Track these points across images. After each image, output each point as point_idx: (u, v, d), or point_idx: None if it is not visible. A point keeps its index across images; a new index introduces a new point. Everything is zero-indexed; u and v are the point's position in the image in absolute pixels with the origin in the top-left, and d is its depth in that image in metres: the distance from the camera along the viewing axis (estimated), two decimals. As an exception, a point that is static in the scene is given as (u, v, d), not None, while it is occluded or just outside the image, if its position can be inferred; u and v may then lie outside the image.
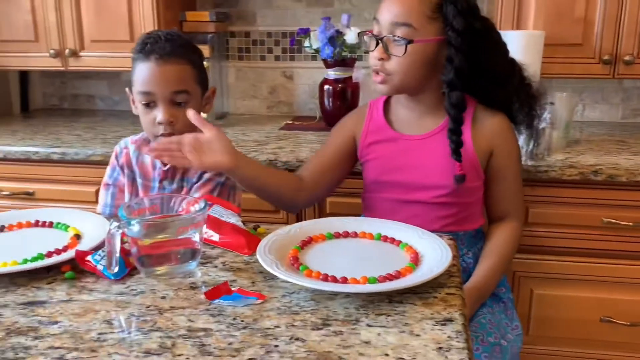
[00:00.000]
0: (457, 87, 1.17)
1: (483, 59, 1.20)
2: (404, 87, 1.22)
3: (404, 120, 1.29)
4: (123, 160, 1.35)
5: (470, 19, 1.16)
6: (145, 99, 1.22)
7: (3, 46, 2.11)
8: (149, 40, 1.22)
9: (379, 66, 1.19)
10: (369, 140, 1.31)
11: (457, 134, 1.19)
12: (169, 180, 1.31)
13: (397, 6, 1.16)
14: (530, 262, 1.67)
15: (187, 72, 1.23)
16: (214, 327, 0.76)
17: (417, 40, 1.15)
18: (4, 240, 1.03)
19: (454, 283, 0.89)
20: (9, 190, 1.88)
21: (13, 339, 0.74)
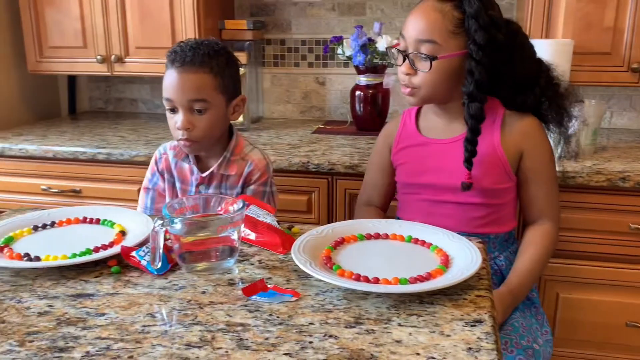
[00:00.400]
0: (476, 99, 1.19)
1: (508, 66, 1.22)
2: (431, 98, 1.26)
3: (433, 126, 1.33)
4: (163, 166, 1.40)
5: (493, 32, 1.18)
6: (168, 105, 1.26)
7: (54, 52, 2.21)
8: (177, 48, 1.26)
9: (407, 81, 1.24)
10: (400, 146, 1.36)
11: (472, 144, 1.21)
12: (205, 185, 1.35)
13: (421, 23, 1.19)
14: (557, 266, 1.67)
15: (206, 81, 1.24)
16: (251, 322, 0.80)
17: (442, 57, 1.19)
18: (54, 235, 1.09)
19: (483, 285, 0.90)
20: (57, 188, 1.97)
21: (63, 328, 0.78)
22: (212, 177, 1.35)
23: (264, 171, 1.36)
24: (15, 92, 2.39)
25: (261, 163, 1.36)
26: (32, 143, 1.96)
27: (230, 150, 1.34)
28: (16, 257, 0.97)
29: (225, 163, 1.34)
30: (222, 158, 1.33)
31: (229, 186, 1.35)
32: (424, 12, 1.19)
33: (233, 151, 1.35)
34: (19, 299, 0.87)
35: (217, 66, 1.26)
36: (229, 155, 1.34)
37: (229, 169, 1.34)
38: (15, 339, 0.75)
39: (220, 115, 1.29)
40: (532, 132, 1.27)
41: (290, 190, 1.77)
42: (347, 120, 2.29)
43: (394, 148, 1.38)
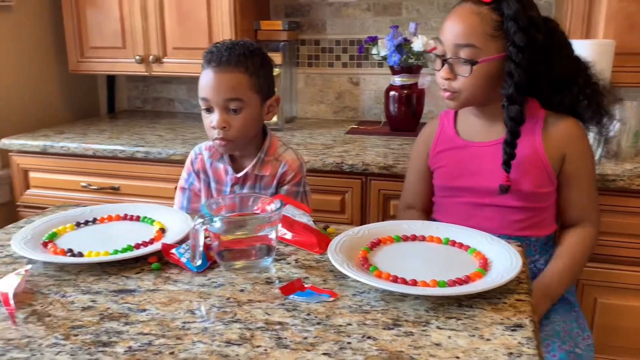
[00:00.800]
0: (516, 101, 1.17)
1: (546, 66, 1.20)
2: (470, 102, 1.25)
3: (472, 129, 1.31)
4: (198, 166, 1.42)
5: (532, 33, 1.16)
6: (204, 104, 1.28)
7: (94, 52, 2.26)
8: (213, 48, 1.27)
9: (447, 85, 1.22)
10: (438, 149, 1.35)
11: (511, 147, 1.19)
12: (240, 186, 1.36)
13: (459, 27, 1.17)
14: (596, 271, 1.64)
15: (242, 81, 1.25)
16: (289, 321, 0.80)
17: (482, 60, 1.17)
18: (96, 231, 1.11)
19: (523, 290, 0.89)
20: (97, 185, 2.02)
21: (106, 323, 0.80)
22: (247, 178, 1.36)
23: (298, 171, 1.36)
24: (57, 92, 2.46)
25: (295, 163, 1.36)
26: (73, 141, 2.01)
27: (264, 151, 1.35)
28: (60, 252, 0.99)
29: (260, 164, 1.35)
30: (257, 159, 1.34)
31: (263, 186, 1.36)
32: (462, 15, 1.18)
33: (267, 152, 1.35)
34: (63, 293, 0.89)
35: (253, 66, 1.27)
36: (263, 155, 1.35)
37: (263, 169, 1.35)
38: (60, 333, 0.77)
39: (255, 115, 1.30)
40: (574, 135, 1.25)
41: (323, 190, 1.77)
42: (380, 120, 2.29)
43: (431, 151, 1.37)
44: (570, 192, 1.27)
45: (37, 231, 1.07)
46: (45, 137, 2.08)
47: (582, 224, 1.28)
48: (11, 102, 2.23)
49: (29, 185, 2.10)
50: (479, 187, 1.27)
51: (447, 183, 1.33)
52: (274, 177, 1.35)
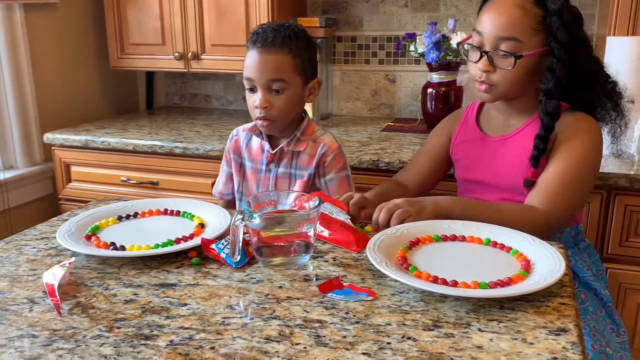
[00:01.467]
0: (555, 96, 1.15)
1: (582, 60, 1.19)
2: (507, 95, 1.23)
3: (493, 122, 1.31)
4: (231, 146, 1.45)
5: (574, 29, 1.15)
6: (248, 84, 1.31)
7: (134, 49, 2.31)
8: (259, 30, 1.30)
9: (484, 77, 1.20)
10: (459, 139, 1.35)
11: (544, 141, 1.17)
12: (275, 164, 1.37)
13: (502, 19, 1.15)
14: (637, 275, 1.59)
15: (285, 62, 1.27)
16: (328, 319, 0.80)
17: (526, 55, 1.15)
18: (137, 225, 1.13)
19: (566, 293, 0.87)
20: (136, 180, 2.06)
21: (148, 317, 0.81)
22: (282, 155, 1.37)
23: (338, 153, 1.37)
24: (98, 87, 2.52)
25: (334, 145, 1.37)
26: (113, 136, 2.06)
27: (301, 130, 1.36)
28: (103, 245, 1.01)
29: (295, 141, 1.36)
30: (292, 136, 1.36)
31: (300, 166, 1.36)
32: (505, 8, 1.16)
33: (304, 131, 1.37)
34: (106, 286, 0.91)
35: (297, 48, 1.29)
36: (299, 134, 1.36)
37: (299, 146, 1.35)
38: (104, 325, 0.79)
39: (297, 96, 1.32)
40: (575, 123, 1.20)
41: (359, 187, 1.74)
42: (417, 118, 2.26)
43: (453, 140, 1.37)
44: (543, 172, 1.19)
45: (80, 224, 1.10)
46: (86, 132, 2.13)
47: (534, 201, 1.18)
48: (54, 98, 2.30)
49: (71, 179, 2.16)
50: (489, 181, 1.27)
51: (464, 175, 1.33)
52: (311, 158, 1.35)
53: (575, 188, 1.17)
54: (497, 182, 1.25)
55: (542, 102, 1.17)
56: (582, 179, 1.18)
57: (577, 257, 1.26)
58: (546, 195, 1.16)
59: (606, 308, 1.24)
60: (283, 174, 1.37)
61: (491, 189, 1.27)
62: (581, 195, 1.21)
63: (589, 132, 1.20)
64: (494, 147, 1.28)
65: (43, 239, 1.11)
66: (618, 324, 1.24)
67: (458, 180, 1.37)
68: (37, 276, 0.94)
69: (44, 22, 2.21)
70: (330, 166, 1.36)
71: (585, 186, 1.21)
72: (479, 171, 1.29)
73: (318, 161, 1.35)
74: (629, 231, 1.57)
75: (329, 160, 1.35)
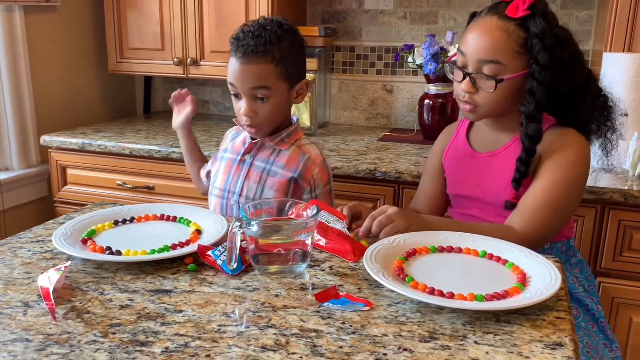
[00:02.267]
0: (535, 119, 1.14)
1: (563, 80, 1.16)
2: (490, 115, 1.23)
3: (481, 138, 1.31)
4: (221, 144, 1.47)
5: (557, 52, 1.13)
6: (232, 90, 1.30)
7: (133, 53, 2.31)
8: (240, 34, 1.26)
9: (467, 98, 1.19)
10: (450, 155, 1.36)
11: (525, 165, 1.16)
12: (252, 155, 1.35)
13: (485, 42, 1.14)
14: (631, 289, 1.60)
15: (267, 71, 1.24)
16: (324, 329, 0.80)
17: (507, 78, 1.14)
18: (133, 230, 1.13)
19: (562, 307, 0.87)
20: (132, 184, 2.05)
21: (144, 323, 0.81)
22: (262, 148, 1.35)
23: (323, 167, 1.35)
24: (96, 91, 2.51)
25: (318, 158, 1.34)
26: (110, 140, 2.05)
27: (288, 132, 1.34)
28: (99, 250, 1.01)
29: (279, 140, 1.34)
30: (278, 134, 1.34)
31: (278, 164, 1.32)
32: (488, 30, 1.14)
33: (290, 134, 1.35)
34: (102, 290, 0.90)
35: (280, 53, 1.25)
36: (284, 135, 1.34)
37: (281, 145, 1.34)
38: (99, 330, 0.79)
39: (282, 101, 1.30)
40: (560, 139, 1.18)
41: (355, 197, 1.77)
42: (413, 128, 2.28)
43: (445, 154, 1.37)
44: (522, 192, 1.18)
45: (76, 228, 1.09)
46: (83, 135, 2.13)
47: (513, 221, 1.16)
48: (52, 100, 2.29)
49: (67, 182, 2.15)
50: (476, 197, 1.27)
51: (454, 191, 1.33)
52: (292, 161, 1.32)
53: (556, 209, 1.15)
54: (486, 198, 1.25)
55: (523, 124, 1.15)
56: (565, 199, 1.16)
57: (569, 272, 1.25)
58: (526, 217, 1.14)
59: (598, 323, 1.24)
60: (257, 167, 1.34)
61: (480, 204, 1.27)
62: (563, 216, 1.18)
63: (574, 150, 1.17)
64: (482, 163, 1.27)
65: (38, 241, 1.10)
66: (611, 339, 1.24)
67: (449, 195, 1.36)
68: (32, 279, 0.94)
69: (43, 24, 2.21)
70: (318, 180, 1.34)
71: (568, 206, 1.18)
72: (468, 187, 1.29)
73: (302, 171, 1.32)
74: (623, 246, 1.58)
75: (316, 173, 1.33)
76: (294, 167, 1.32)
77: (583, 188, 1.21)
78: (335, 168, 1.75)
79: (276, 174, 1.33)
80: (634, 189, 1.52)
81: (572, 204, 1.19)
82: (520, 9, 1.12)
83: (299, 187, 1.33)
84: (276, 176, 1.33)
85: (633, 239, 1.57)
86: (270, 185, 1.32)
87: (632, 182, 1.58)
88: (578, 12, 2.07)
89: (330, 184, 1.39)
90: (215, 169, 1.43)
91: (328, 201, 1.36)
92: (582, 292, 1.25)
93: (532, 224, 1.14)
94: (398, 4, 2.27)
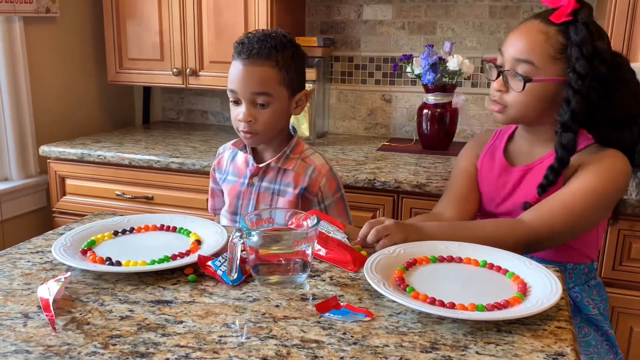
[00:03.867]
0: (570, 129, 1.14)
1: (608, 101, 1.15)
2: (518, 119, 1.22)
3: (518, 151, 1.29)
4: (216, 164, 1.44)
5: (596, 63, 1.12)
6: (232, 97, 1.28)
7: (132, 64, 2.32)
8: (244, 39, 1.26)
9: (497, 97, 1.20)
10: (485, 162, 1.32)
11: (556, 174, 1.15)
12: (259, 178, 1.34)
13: (522, 42, 1.15)
14: (632, 299, 1.61)
15: (271, 75, 1.24)
16: (325, 339, 0.79)
17: (537, 80, 1.15)
18: (133, 241, 1.13)
19: (563, 317, 0.87)
20: (131, 194, 2.05)
21: (144, 334, 0.81)
22: (268, 170, 1.34)
23: (330, 176, 1.34)
24: (95, 101, 2.52)
25: (324, 168, 1.34)
26: (109, 150, 2.06)
27: (290, 147, 1.33)
28: (99, 260, 1.01)
29: (284, 158, 1.33)
30: (282, 153, 1.32)
31: (284, 182, 1.33)
32: (528, 31, 1.16)
33: (293, 149, 1.34)
34: (102, 301, 0.90)
35: (283, 59, 1.25)
36: (288, 151, 1.33)
37: (287, 164, 1.33)
38: (99, 342, 0.78)
39: (282, 109, 1.29)
40: (602, 156, 1.16)
41: (355, 206, 1.77)
42: (412, 138, 2.28)
43: (481, 157, 1.33)
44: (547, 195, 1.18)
45: (76, 238, 1.09)
46: (82, 145, 2.13)
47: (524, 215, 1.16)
48: (51, 110, 2.30)
49: (65, 192, 2.15)
50: (510, 211, 1.24)
51: (487, 208, 1.31)
52: (299, 176, 1.32)
53: (572, 214, 1.13)
54: (518, 212, 1.21)
55: (558, 133, 1.15)
56: (584, 207, 1.13)
57: (585, 294, 1.25)
58: (538, 212, 1.14)
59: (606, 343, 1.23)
60: (266, 189, 1.34)
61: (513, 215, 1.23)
62: (578, 224, 1.15)
63: (613, 170, 1.15)
64: (516, 177, 1.25)
65: (38, 252, 1.10)
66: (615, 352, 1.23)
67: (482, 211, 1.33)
68: (32, 290, 0.93)
69: (43, 34, 2.22)
70: (326, 190, 1.34)
71: (585, 217, 1.15)
72: (502, 201, 1.26)
73: (309, 184, 1.32)
74: (623, 255, 1.58)
75: (324, 184, 1.33)
76: (301, 183, 1.32)
77: (610, 205, 1.19)
78: (335, 178, 1.75)
79: (285, 194, 1.33)
80: (633, 198, 1.52)
81: (590, 215, 1.16)
82: (564, 15, 1.13)
83: (307, 200, 1.34)
84: (286, 196, 1.32)
85: (632, 248, 1.57)
86: (282, 205, 1.32)
87: (631, 192, 1.58)
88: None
89: (341, 191, 1.37)
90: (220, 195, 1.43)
91: (341, 209, 1.35)
92: (596, 314, 1.24)
93: (542, 220, 1.13)
94: (396, 14, 2.28)
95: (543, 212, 1.14)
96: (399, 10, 2.28)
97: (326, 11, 2.37)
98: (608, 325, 1.26)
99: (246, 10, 2.10)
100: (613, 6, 1.71)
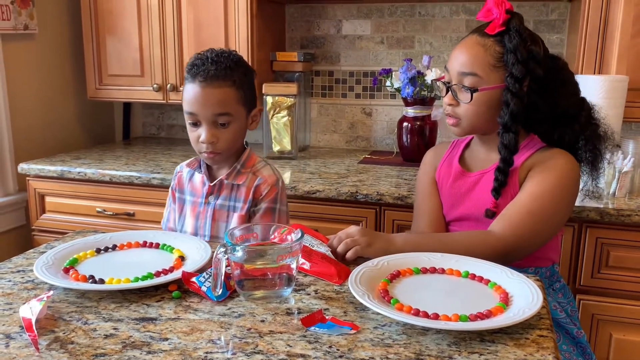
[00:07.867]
0: (510, 130, 1.20)
1: (547, 101, 1.23)
2: (473, 129, 1.28)
3: (474, 158, 1.35)
4: (175, 183, 1.45)
5: (531, 66, 1.20)
6: (191, 119, 1.29)
7: (112, 80, 2.30)
8: (197, 61, 1.28)
9: (450, 110, 1.27)
10: (442, 172, 1.38)
11: (503, 174, 1.22)
12: (215, 196, 1.36)
13: (464, 56, 1.23)
14: (611, 306, 1.63)
15: (229, 95, 1.27)
16: (311, 353, 0.80)
17: (482, 89, 1.21)
18: (116, 258, 1.12)
19: (545, 325, 0.89)
20: (112, 211, 2.03)
21: (129, 352, 0.80)
22: (222, 187, 1.36)
23: (273, 186, 1.35)
24: (75, 118, 2.50)
25: (271, 178, 1.36)
26: (89, 167, 2.03)
27: (241, 162, 1.36)
28: (81, 279, 1.00)
29: (235, 174, 1.35)
30: (232, 168, 1.35)
31: (238, 198, 1.35)
32: (468, 46, 1.23)
33: (244, 164, 1.36)
34: (85, 320, 0.89)
35: (239, 78, 1.29)
36: (239, 167, 1.35)
37: (238, 179, 1.35)
38: (83, 360, 0.78)
39: (242, 127, 1.33)
40: (552, 157, 1.23)
41: (338, 219, 1.78)
42: (392, 150, 2.30)
43: (438, 169, 1.39)
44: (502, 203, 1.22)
45: (58, 257, 1.08)
46: (62, 162, 2.11)
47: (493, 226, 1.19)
48: (30, 128, 2.27)
49: (45, 210, 2.12)
50: (467, 215, 1.29)
51: (448, 215, 1.36)
52: (249, 190, 1.35)
53: (540, 218, 1.17)
54: (476, 213, 1.27)
55: (499, 134, 1.22)
56: (549, 210, 1.18)
57: (551, 297, 1.27)
58: (507, 222, 1.18)
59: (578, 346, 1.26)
60: (221, 206, 1.36)
61: (472, 222, 1.29)
62: (546, 227, 1.20)
63: (563, 167, 1.20)
64: (472, 181, 1.31)
65: (19, 271, 1.08)
66: None
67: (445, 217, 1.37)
68: (14, 310, 0.92)
69: (21, 51, 2.20)
70: (264, 197, 1.35)
71: (552, 218, 1.19)
72: (460, 206, 1.31)
73: (254, 193, 1.34)
74: (601, 263, 1.61)
75: (264, 192, 1.35)
76: (250, 195, 1.35)
77: (570, 204, 1.24)
78: (317, 191, 1.76)
79: (237, 209, 1.35)
80: (610, 207, 1.56)
81: (556, 217, 1.21)
82: (497, 26, 1.21)
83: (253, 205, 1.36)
84: (237, 211, 1.35)
85: (610, 256, 1.60)
86: (234, 221, 1.34)
87: (608, 200, 1.62)
88: (550, 36, 2.14)
89: (278, 204, 1.36)
90: (179, 212, 1.43)
91: (267, 220, 1.34)
92: (564, 317, 1.26)
93: (512, 229, 1.16)
94: (375, 29, 2.32)
95: (510, 221, 1.18)
96: (377, 25, 2.31)
97: (306, 26, 2.39)
98: (577, 327, 1.29)
99: (226, 26, 2.11)
100: (585, 21, 1.76)
